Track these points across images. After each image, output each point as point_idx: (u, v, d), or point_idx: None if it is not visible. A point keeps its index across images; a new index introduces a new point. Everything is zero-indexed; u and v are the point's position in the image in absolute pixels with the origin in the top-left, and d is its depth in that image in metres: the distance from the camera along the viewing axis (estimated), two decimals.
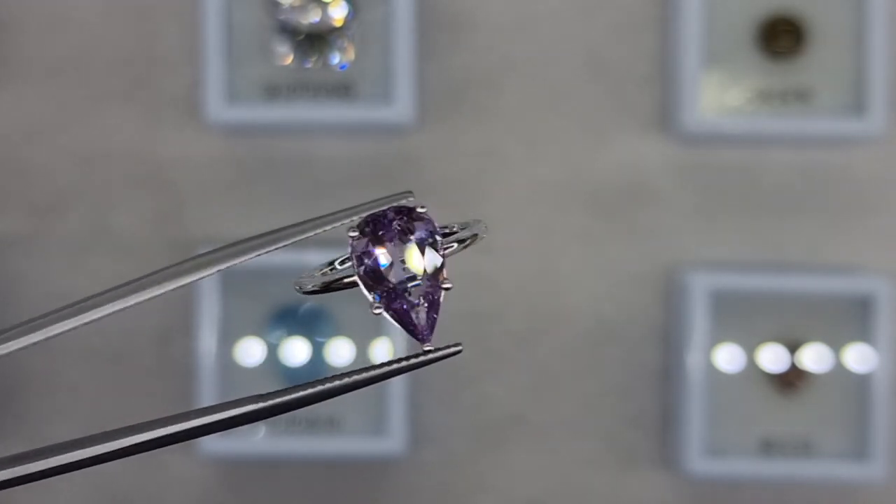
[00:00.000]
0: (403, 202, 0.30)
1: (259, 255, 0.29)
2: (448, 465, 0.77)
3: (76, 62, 0.76)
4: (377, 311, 0.29)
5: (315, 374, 0.74)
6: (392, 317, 0.29)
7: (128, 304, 0.28)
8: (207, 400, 0.72)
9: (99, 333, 0.76)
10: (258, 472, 0.77)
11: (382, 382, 0.80)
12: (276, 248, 0.29)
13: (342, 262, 0.30)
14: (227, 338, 0.74)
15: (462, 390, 0.77)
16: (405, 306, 0.29)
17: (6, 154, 0.76)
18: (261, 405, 0.28)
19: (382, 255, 0.29)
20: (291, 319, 0.74)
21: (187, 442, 0.81)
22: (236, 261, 0.28)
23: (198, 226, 0.76)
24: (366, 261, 0.29)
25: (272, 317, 0.74)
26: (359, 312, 0.71)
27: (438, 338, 0.30)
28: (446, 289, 0.29)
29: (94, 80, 0.76)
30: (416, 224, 0.29)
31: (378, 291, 0.29)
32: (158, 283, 0.28)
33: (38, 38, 0.76)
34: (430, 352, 0.29)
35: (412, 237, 0.29)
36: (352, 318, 0.74)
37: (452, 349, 0.29)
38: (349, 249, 0.29)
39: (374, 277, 0.29)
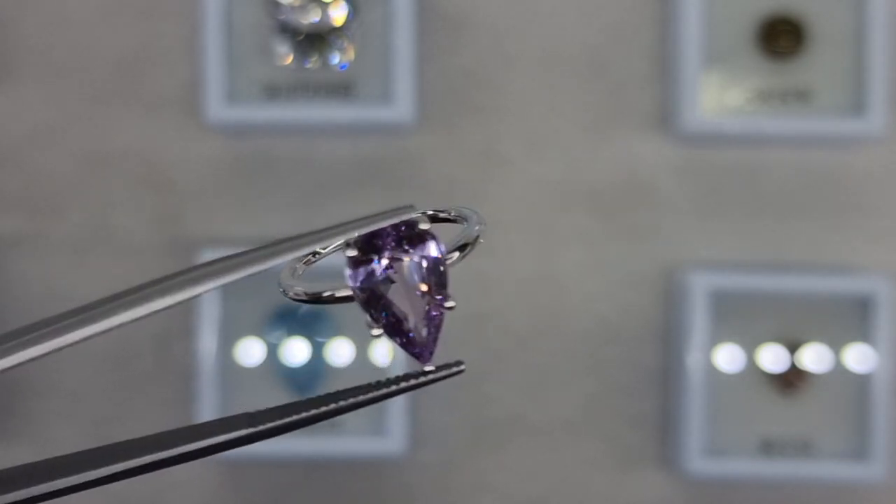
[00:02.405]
0: (406, 217, 0.27)
1: (256, 271, 0.27)
2: (448, 465, 0.77)
3: (76, 62, 0.76)
4: (376, 333, 0.27)
5: (315, 375, 0.74)
6: (391, 336, 0.27)
7: (132, 317, 0.26)
8: (208, 401, 0.72)
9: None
10: (258, 472, 0.77)
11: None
12: (273, 263, 0.27)
13: (324, 248, 0.28)
14: (227, 338, 0.74)
15: (462, 390, 0.77)
16: (404, 327, 0.27)
17: (6, 154, 0.76)
18: (251, 430, 0.27)
19: (379, 269, 0.27)
20: (291, 319, 0.74)
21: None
22: (233, 276, 0.27)
23: (198, 226, 0.76)
24: (362, 278, 0.27)
25: (272, 317, 0.74)
26: (359, 312, 0.71)
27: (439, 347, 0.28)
28: (449, 308, 0.27)
29: (94, 80, 0.76)
30: (419, 241, 0.27)
31: (375, 310, 0.27)
32: (159, 295, 0.26)
33: (38, 38, 0.76)
34: (430, 372, 0.27)
35: (412, 252, 0.27)
36: (352, 318, 0.74)
37: (455, 370, 0.27)
38: (345, 263, 0.27)
39: (372, 295, 0.27)
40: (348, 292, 0.27)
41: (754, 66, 0.74)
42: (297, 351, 0.74)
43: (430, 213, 0.29)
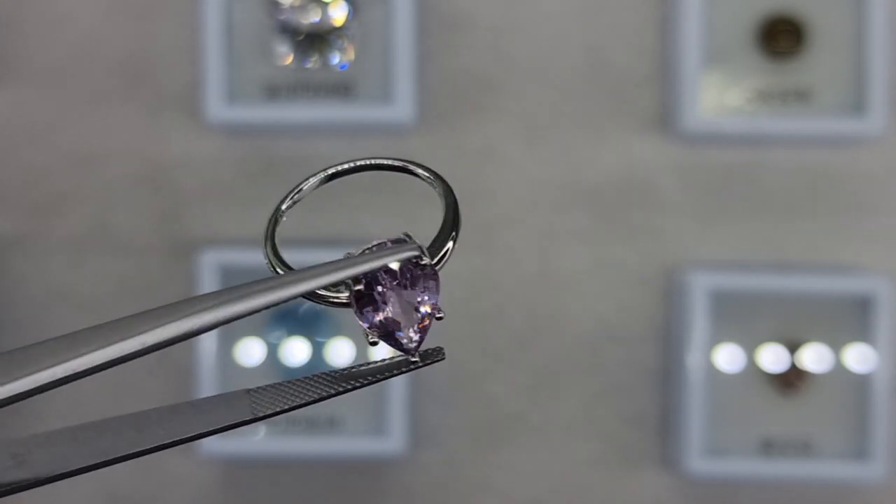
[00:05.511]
0: (408, 254, 0.30)
1: (257, 310, 0.29)
2: (448, 465, 0.77)
3: (76, 62, 0.76)
4: (373, 340, 0.31)
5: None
6: (384, 339, 0.31)
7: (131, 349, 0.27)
8: None
9: None
10: (258, 472, 0.77)
11: (381, 382, 0.79)
12: (279, 302, 0.29)
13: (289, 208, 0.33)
14: (227, 338, 0.74)
15: (462, 390, 0.77)
16: (398, 335, 0.31)
17: (6, 154, 0.76)
18: (248, 418, 0.29)
19: (383, 310, 0.30)
20: (291, 319, 0.74)
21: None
22: (233, 310, 0.28)
23: (198, 226, 0.76)
24: (366, 312, 0.30)
25: (272, 317, 0.74)
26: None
27: (434, 338, 0.31)
28: (439, 318, 0.30)
29: (94, 80, 0.76)
30: (418, 281, 0.30)
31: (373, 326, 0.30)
32: (154, 326, 0.27)
33: (38, 38, 0.76)
34: (415, 361, 0.31)
35: (410, 288, 0.30)
36: (351, 318, 0.74)
37: (438, 358, 0.31)
38: (350, 295, 0.31)
39: (384, 330, 0.30)
40: (345, 299, 0.31)
41: (754, 66, 0.74)
42: (297, 351, 0.74)
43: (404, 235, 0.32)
